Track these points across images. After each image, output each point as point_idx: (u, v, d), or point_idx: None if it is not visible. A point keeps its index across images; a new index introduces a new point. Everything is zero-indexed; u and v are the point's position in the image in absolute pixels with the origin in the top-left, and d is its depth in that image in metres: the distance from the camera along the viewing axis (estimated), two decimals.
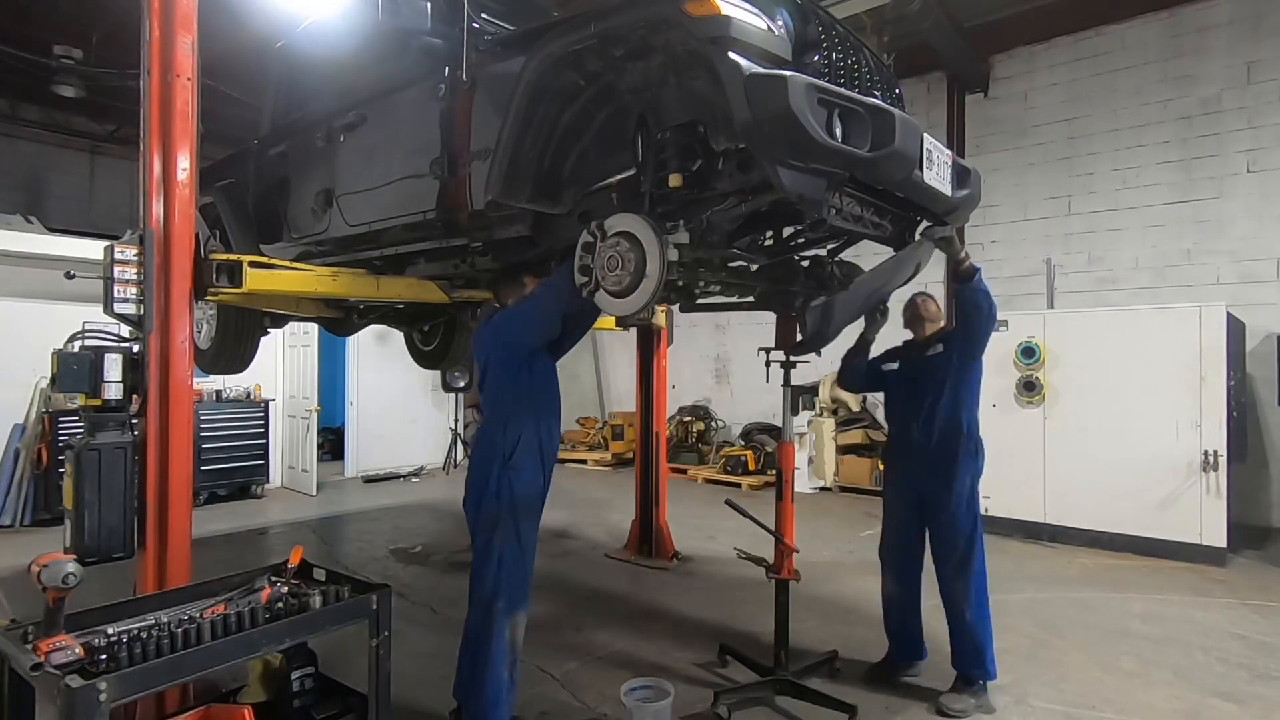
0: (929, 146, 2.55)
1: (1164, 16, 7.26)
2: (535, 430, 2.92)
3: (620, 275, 2.51)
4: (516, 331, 2.93)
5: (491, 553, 2.82)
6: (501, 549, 2.82)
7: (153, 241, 2.83)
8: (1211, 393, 5.52)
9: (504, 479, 2.83)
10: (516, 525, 2.85)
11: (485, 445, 2.92)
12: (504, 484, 2.83)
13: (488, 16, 3.11)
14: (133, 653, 1.94)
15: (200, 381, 7.49)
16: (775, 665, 3.45)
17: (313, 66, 4.04)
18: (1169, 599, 4.78)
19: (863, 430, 8.57)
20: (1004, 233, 8.25)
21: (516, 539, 2.85)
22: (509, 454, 2.85)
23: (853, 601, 4.71)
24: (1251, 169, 6.85)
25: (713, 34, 2.16)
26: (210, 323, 4.41)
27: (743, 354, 10.26)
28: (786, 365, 3.63)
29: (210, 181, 4.18)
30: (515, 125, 2.63)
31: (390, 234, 3.45)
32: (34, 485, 6.87)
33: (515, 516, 2.85)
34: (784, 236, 3.31)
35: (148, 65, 2.86)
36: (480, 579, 2.84)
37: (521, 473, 2.87)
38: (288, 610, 2.35)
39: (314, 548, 6.15)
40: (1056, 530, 6.18)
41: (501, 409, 2.92)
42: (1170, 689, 3.50)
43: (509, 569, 2.82)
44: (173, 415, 2.86)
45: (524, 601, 2.90)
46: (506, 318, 2.99)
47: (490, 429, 2.92)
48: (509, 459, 2.84)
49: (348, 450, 9.77)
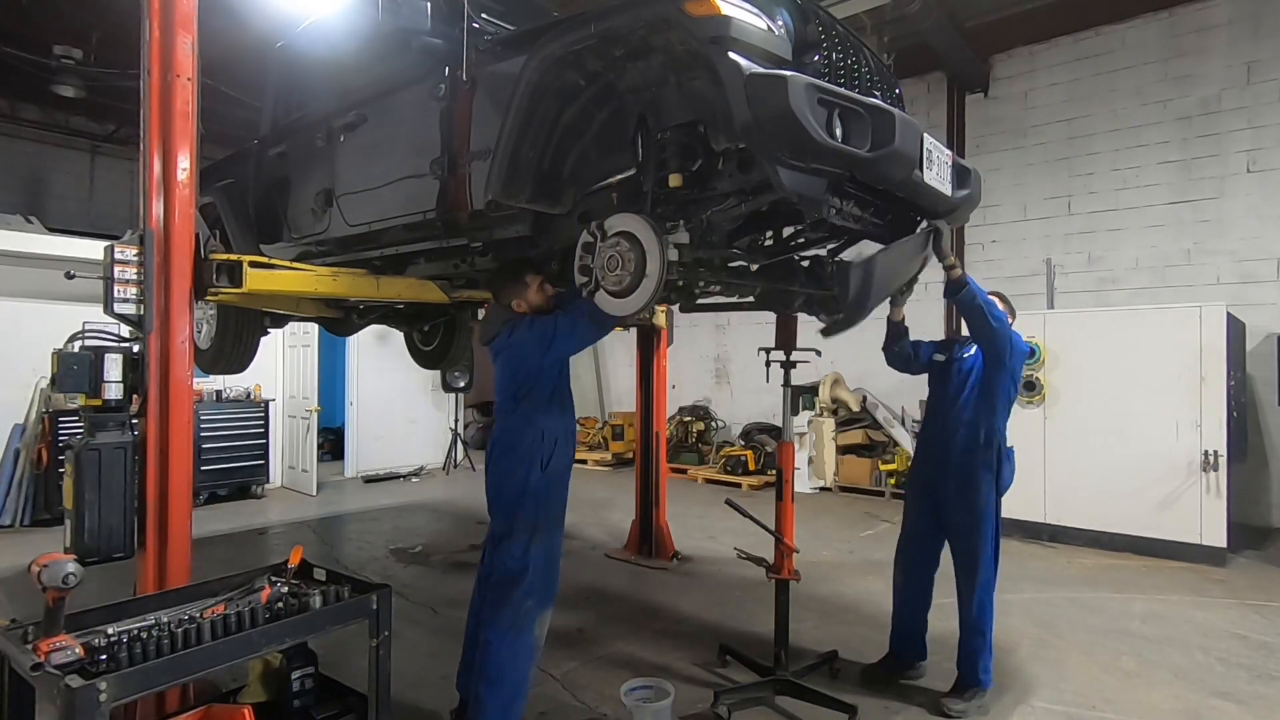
0: (929, 146, 2.55)
1: (1164, 16, 7.26)
2: (566, 432, 2.98)
3: (620, 275, 2.52)
4: (560, 349, 2.91)
5: (526, 553, 2.83)
6: (535, 550, 2.85)
7: (153, 241, 2.83)
8: (1211, 393, 5.52)
9: (541, 483, 2.87)
10: (550, 526, 2.90)
11: (520, 448, 2.89)
12: (541, 487, 2.87)
13: (488, 16, 3.11)
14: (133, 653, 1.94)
15: (200, 381, 7.49)
16: (775, 665, 3.45)
17: (313, 66, 4.04)
18: (1169, 599, 4.78)
19: (863, 430, 8.57)
20: (1004, 233, 8.26)
21: (549, 539, 2.89)
22: (546, 459, 2.88)
23: (853, 601, 4.71)
24: (1251, 169, 6.85)
25: (713, 34, 2.16)
26: (210, 323, 4.41)
27: (743, 354, 10.26)
28: (786, 365, 3.63)
29: (210, 181, 4.17)
30: (515, 125, 2.63)
31: (390, 234, 3.45)
32: (34, 485, 6.87)
33: (550, 518, 2.91)
34: (784, 236, 3.31)
35: (148, 65, 2.86)
36: (510, 579, 2.84)
37: (556, 476, 2.92)
38: (288, 610, 2.35)
39: (314, 548, 6.15)
40: (1056, 530, 6.18)
41: (534, 412, 2.90)
42: (1170, 689, 3.50)
43: (540, 569, 2.86)
44: (173, 415, 2.86)
45: (551, 600, 2.94)
46: (542, 339, 2.87)
47: (522, 431, 2.89)
48: (546, 464, 2.88)
49: (348, 450, 9.76)
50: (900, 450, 8.25)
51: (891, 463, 8.24)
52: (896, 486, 8.10)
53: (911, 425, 8.33)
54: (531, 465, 2.86)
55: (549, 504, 2.90)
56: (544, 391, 2.92)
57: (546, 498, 2.88)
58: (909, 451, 8.10)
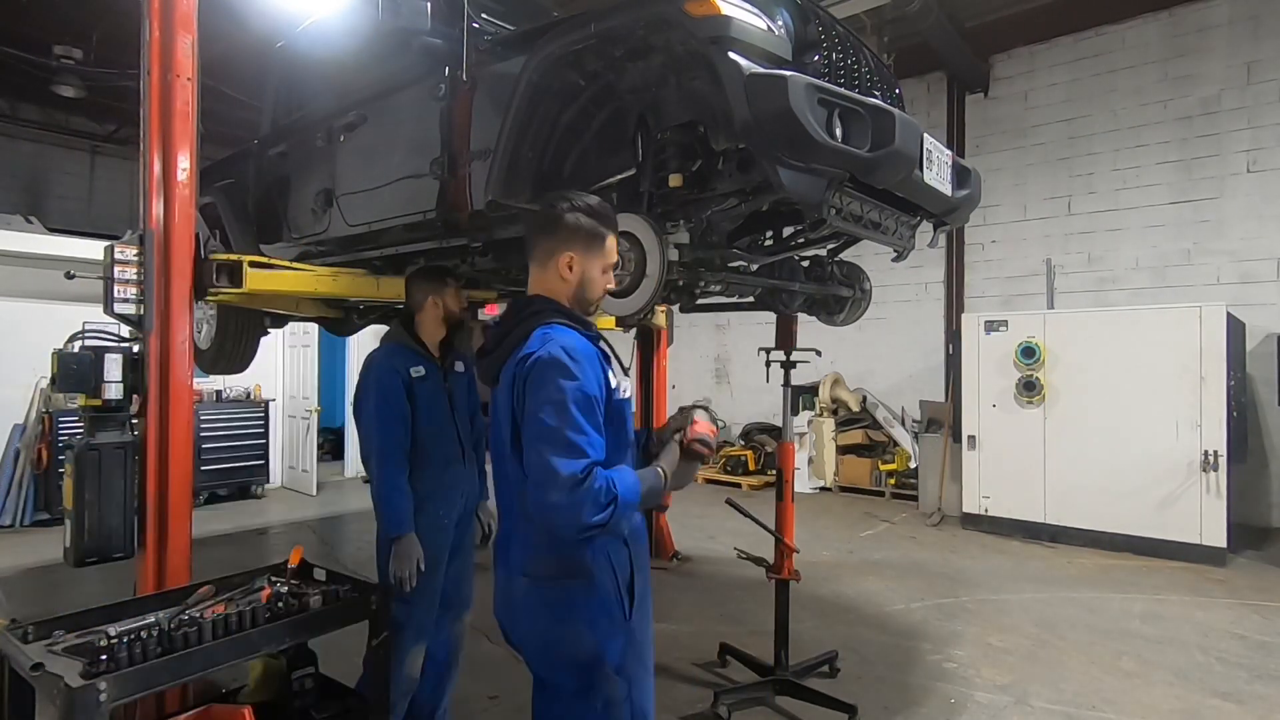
0: (929, 146, 2.55)
1: (1164, 16, 7.27)
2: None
3: (620, 275, 2.51)
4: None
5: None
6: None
7: (153, 241, 2.83)
8: (1211, 393, 5.52)
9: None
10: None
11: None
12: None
13: (488, 16, 3.10)
14: (133, 653, 1.94)
15: (200, 381, 7.48)
16: (775, 665, 3.45)
17: (313, 67, 4.03)
18: (1169, 599, 4.78)
19: (863, 430, 8.57)
20: (1004, 233, 8.25)
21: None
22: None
23: (853, 601, 4.71)
24: (1251, 169, 6.85)
25: (713, 34, 2.16)
26: (210, 323, 4.41)
27: (743, 354, 10.26)
28: (786, 365, 3.63)
29: (210, 181, 4.17)
30: (515, 125, 2.63)
31: (390, 234, 3.45)
32: (34, 485, 6.88)
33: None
34: (784, 236, 3.31)
35: (148, 65, 2.86)
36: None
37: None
38: (288, 610, 2.34)
39: (314, 548, 6.15)
40: (1056, 530, 6.18)
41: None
42: (1170, 689, 3.50)
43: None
44: (173, 415, 2.86)
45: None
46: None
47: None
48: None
49: (348, 450, 9.75)
50: (900, 450, 8.25)
51: (891, 463, 8.23)
52: (896, 486, 8.10)
53: (911, 425, 8.33)
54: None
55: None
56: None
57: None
58: (909, 451, 8.10)
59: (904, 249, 3.07)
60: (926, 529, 6.80)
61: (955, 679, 3.59)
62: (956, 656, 3.85)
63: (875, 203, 2.66)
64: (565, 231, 1.79)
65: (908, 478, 8.01)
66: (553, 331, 1.70)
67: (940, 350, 8.50)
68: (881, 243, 2.97)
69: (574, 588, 1.67)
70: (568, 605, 1.67)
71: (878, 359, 8.87)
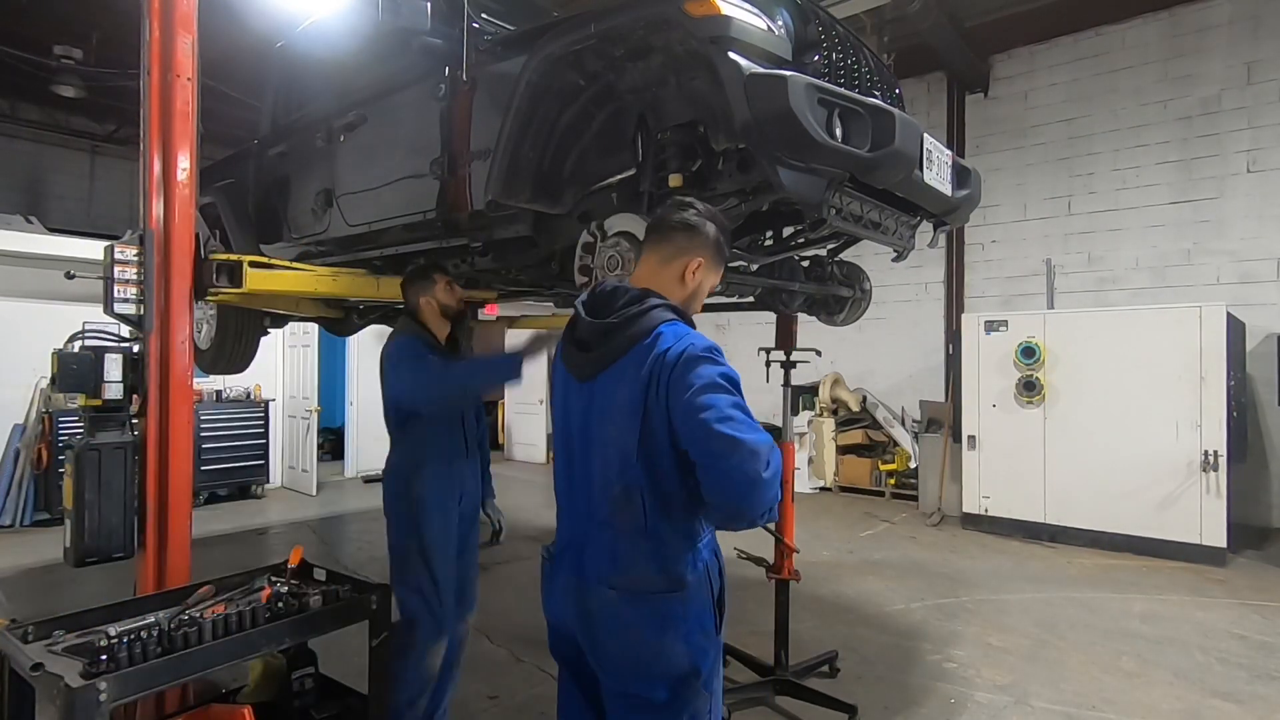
0: (929, 146, 2.55)
1: (1164, 16, 7.27)
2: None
3: (621, 275, 2.51)
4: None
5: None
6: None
7: (153, 241, 2.83)
8: (1211, 393, 5.53)
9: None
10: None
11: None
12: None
13: (488, 16, 3.10)
14: (133, 653, 1.94)
15: (200, 381, 7.49)
16: (775, 665, 3.45)
17: (313, 66, 4.04)
18: (1169, 599, 4.78)
19: (863, 430, 8.57)
20: (1004, 233, 8.26)
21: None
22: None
23: (853, 601, 4.71)
24: (1251, 169, 6.85)
25: (713, 34, 2.16)
26: (210, 323, 4.41)
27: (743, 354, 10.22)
28: (786, 365, 3.63)
29: (210, 181, 4.17)
30: (515, 125, 2.63)
31: (390, 234, 3.45)
32: (34, 485, 6.88)
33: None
34: (784, 236, 3.31)
35: (148, 65, 2.86)
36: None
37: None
38: (288, 610, 2.34)
39: (314, 548, 6.15)
40: (1056, 530, 6.19)
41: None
42: (1170, 689, 3.50)
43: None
44: (173, 415, 2.86)
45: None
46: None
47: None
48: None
49: (348, 450, 9.77)
50: (900, 450, 8.25)
51: (891, 463, 8.23)
52: (896, 486, 8.10)
53: (911, 425, 8.33)
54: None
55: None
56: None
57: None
58: (909, 451, 8.10)
59: (904, 249, 3.07)
60: (926, 529, 6.80)
61: (955, 679, 3.60)
62: (956, 656, 3.85)
63: (875, 203, 2.66)
64: (704, 238, 1.81)
65: (908, 478, 8.01)
66: (680, 328, 1.73)
67: (940, 350, 8.50)
68: (881, 243, 2.96)
69: (672, 600, 1.64)
70: (666, 618, 1.64)
71: (878, 359, 8.87)
